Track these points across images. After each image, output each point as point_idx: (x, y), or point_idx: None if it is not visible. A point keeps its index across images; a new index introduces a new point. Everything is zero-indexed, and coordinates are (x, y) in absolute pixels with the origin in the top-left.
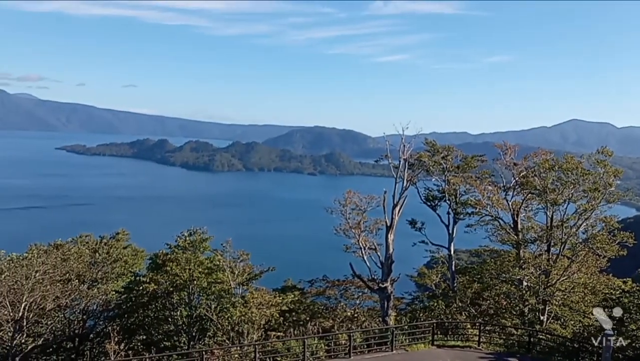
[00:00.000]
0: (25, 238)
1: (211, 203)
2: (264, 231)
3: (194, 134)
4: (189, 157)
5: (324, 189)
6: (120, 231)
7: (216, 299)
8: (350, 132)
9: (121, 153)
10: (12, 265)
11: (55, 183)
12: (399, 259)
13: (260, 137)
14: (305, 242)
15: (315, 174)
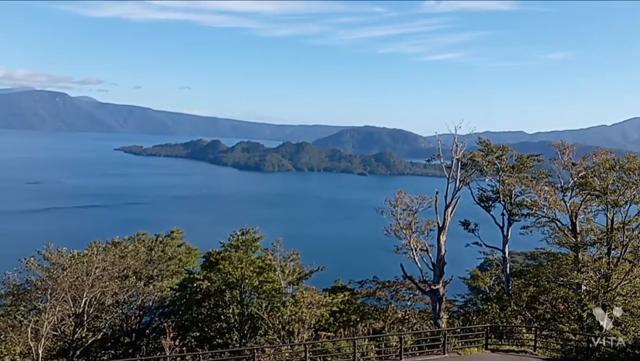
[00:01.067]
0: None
1: (262, 203)
2: (313, 230)
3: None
4: (240, 158)
5: (374, 190)
6: (174, 230)
7: (267, 298)
8: (401, 132)
9: (175, 154)
10: (73, 262)
11: (114, 182)
12: (451, 261)
13: (310, 138)
14: (354, 242)
15: (365, 174)
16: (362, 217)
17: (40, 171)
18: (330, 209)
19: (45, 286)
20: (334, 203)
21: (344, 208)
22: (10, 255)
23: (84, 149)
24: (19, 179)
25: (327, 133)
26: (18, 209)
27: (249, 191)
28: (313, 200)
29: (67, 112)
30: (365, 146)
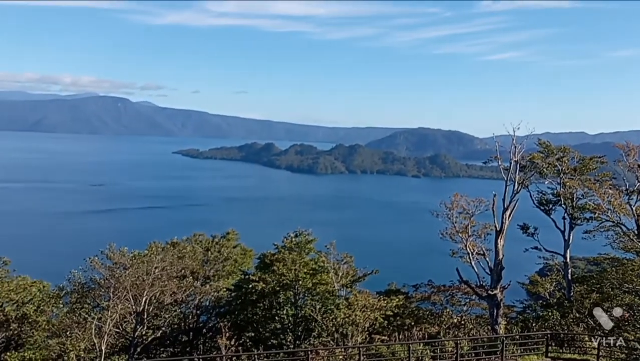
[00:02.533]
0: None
1: (314, 205)
2: (366, 233)
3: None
4: (293, 160)
5: (428, 192)
6: (230, 231)
7: (321, 300)
8: (456, 133)
9: (231, 157)
10: (134, 261)
11: (172, 184)
12: (510, 265)
13: (363, 140)
14: (408, 245)
15: (419, 177)
16: (416, 220)
17: (104, 174)
18: (384, 212)
19: (108, 285)
20: (387, 205)
21: (398, 211)
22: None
23: (144, 152)
24: (84, 181)
25: (380, 135)
26: (83, 210)
27: (302, 194)
28: (366, 202)
29: (128, 116)
30: (419, 148)
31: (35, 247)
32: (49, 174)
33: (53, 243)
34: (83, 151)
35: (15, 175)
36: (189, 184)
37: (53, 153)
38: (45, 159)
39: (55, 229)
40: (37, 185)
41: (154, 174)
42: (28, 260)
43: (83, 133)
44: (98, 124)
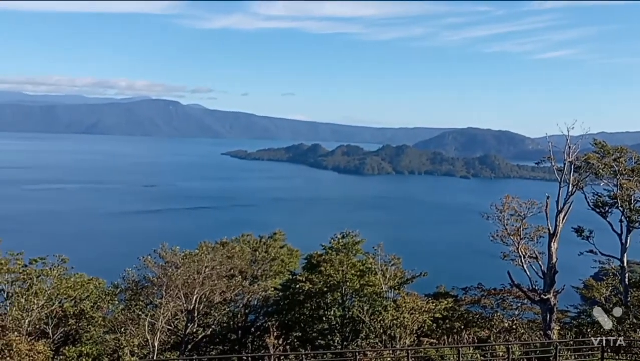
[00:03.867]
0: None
1: (361, 206)
2: (414, 234)
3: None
4: (340, 161)
5: (478, 193)
6: (277, 231)
7: (368, 302)
8: (507, 133)
9: (277, 158)
10: (186, 261)
11: (221, 185)
12: (563, 269)
13: (410, 140)
14: (457, 247)
15: (468, 178)
16: (465, 221)
17: (156, 175)
18: (432, 213)
19: (161, 283)
20: (435, 206)
21: (446, 212)
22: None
23: (194, 154)
24: (137, 182)
25: (427, 136)
26: (136, 210)
27: (348, 194)
28: (414, 203)
29: (179, 119)
30: (468, 148)
31: (91, 245)
32: (105, 175)
33: (108, 242)
34: (136, 153)
35: (73, 176)
36: (237, 185)
37: (108, 155)
38: (101, 161)
39: (109, 228)
40: (94, 186)
41: (204, 175)
42: (85, 258)
43: (136, 135)
44: (150, 127)
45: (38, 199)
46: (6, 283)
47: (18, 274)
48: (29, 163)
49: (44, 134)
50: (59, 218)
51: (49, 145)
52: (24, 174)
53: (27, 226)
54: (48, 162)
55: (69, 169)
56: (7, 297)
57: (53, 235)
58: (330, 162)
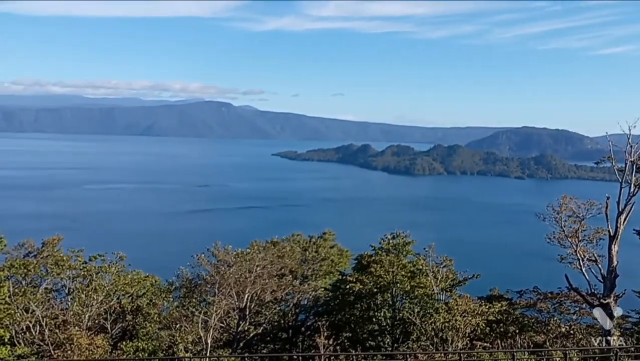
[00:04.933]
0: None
1: (411, 206)
2: (466, 235)
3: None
4: (390, 161)
5: (533, 194)
6: (327, 231)
7: (419, 304)
8: (564, 132)
9: (327, 158)
10: (237, 259)
11: (272, 185)
12: (625, 273)
13: (462, 140)
14: (511, 249)
15: (523, 178)
16: (520, 223)
17: (209, 176)
18: (485, 214)
19: (213, 281)
20: (488, 207)
21: (500, 213)
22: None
23: (245, 155)
24: (191, 182)
25: (480, 135)
26: (189, 210)
27: (399, 195)
28: (466, 204)
29: (231, 120)
30: (523, 148)
31: (147, 243)
32: (160, 175)
33: (162, 240)
34: (190, 154)
35: (130, 176)
36: (287, 185)
37: (163, 156)
38: (157, 162)
39: (164, 227)
40: (150, 186)
41: (255, 175)
42: (141, 256)
43: (190, 137)
44: (203, 128)
45: (98, 198)
46: (68, 279)
47: (79, 270)
48: (89, 164)
49: (103, 136)
50: (117, 217)
51: (108, 147)
52: (84, 174)
53: (87, 224)
54: (107, 163)
55: (126, 170)
56: (68, 292)
57: (111, 233)
58: (380, 162)
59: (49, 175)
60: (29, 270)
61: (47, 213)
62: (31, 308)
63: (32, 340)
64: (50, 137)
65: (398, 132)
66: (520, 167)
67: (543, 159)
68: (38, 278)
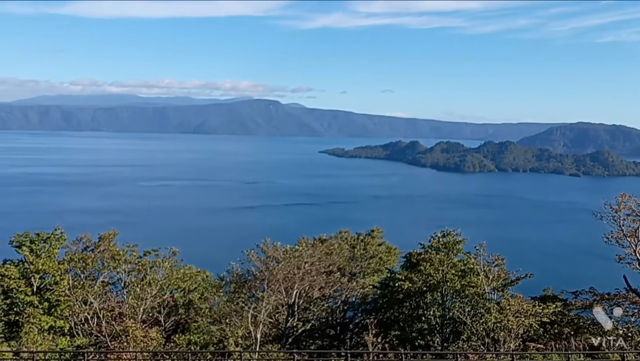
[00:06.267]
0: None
1: (461, 204)
2: (518, 234)
3: (445, 135)
4: (439, 158)
5: (589, 192)
6: (375, 229)
7: (470, 303)
8: (621, 128)
9: (375, 155)
10: (286, 256)
11: (319, 182)
12: None
13: (514, 137)
14: (565, 248)
15: (578, 175)
16: (574, 221)
17: (256, 173)
18: (538, 212)
19: (263, 277)
20: (541, 205)
21: (554, 211)
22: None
23: (293, 152)
24: (239, 179)
25: (533, 131)
26: (238, 206)
27: (448, 192)
28: (518, 202)
29: (279, 118)
30: (578, 144)
31: (197, 239)
32: (210, 172)
33: (212, 236)
34: (238, 151)
35: (182, 173)
36: (335, 182)
37: (213, 153)
38: (207, 159)
39: (214, 223)
40: (199, 183)
41: (302, 172)
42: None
43: (239, 134)
44: (252, 126)
45: (151, 195)
46: (124, 273)
47: (134, 265)
48: (143, 161)
49: (156, 134)
50: (169, 213)
51: (161, 144)
52: (139, 171)
53: (141, 220)
54: (160, 160)
55: (178, 167)
56: (124, 286)
57: (164, 229)
58: (429, 159)
59: (104, 172)
60: (87, 264)
61: (102, 208)
62: (89, 301)
63: (90, 331)
64: (106, 136)
65: (447, 128)
66: (575, 164)
67: (599, 156)
68: (95, 271)
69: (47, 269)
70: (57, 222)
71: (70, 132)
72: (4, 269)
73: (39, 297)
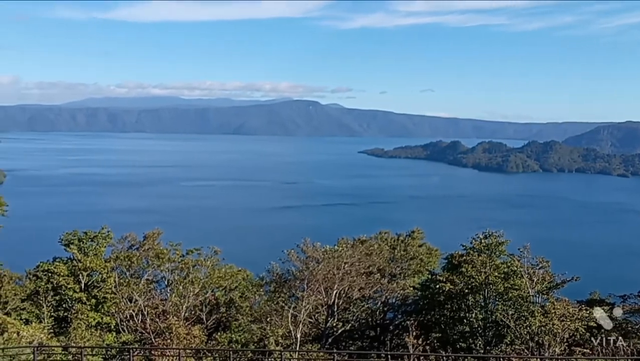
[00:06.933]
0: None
1: (504, 205)
2: (563, 235)
3: (487, 134)
4: (481, 158)
5: (638, 193)
6: (415, 230)
7: (513, 306)
8: None
9: (415, 155)
10: (326, 256)
11: (358, 183)
12: None
13: (559, 136)
14: (612, 250)
15: (626, 176)
16: (623, 222)
17: (296, 173)
18: (584, 213)
19: (302, 277)
20: (587, 206)
21: (601, 212)
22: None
23: (332, 152)
24: (279, 180)
25: (579, 131)
26: (277, 206)
27: (490, 193)
28: (563, 203)
29: (318, 118)
30: (627, 144)
31: (237, 238)
32: (250, 173)
33: (252, 235)
34: (278, 152)
35: (223, 174)
36: (374, 182)
37: (253, 154)
38: (247, 160)
39: (254, 222)
40: (239, 183)
41: (341, 173)
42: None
43: (278, 135)
44: (292, 127)
45: (192, 195)
46: (167, 271)
47: (177, 263)
48: (185, 162)
49: (197, 135)
50: (210, 213)
51: (202, 145)
52: (181, 172)
53: (183, 219)
54: (201, 161)
55: (219, 167)
56: (167, 284)
57: (205, 228)
58: (471, 159)
59: (148, 173)
60: (132, 262)
61: (146, 208)
62: (134, 298)
63: (134, 328)
64: (149, 137)
65: (490, 128)
66: (623, 165)
67: None
68: (140, 269)
69: (94, 267)
70: (103, 221)
71: (115, 134)
72: (53, 267)
73: (86, 294)
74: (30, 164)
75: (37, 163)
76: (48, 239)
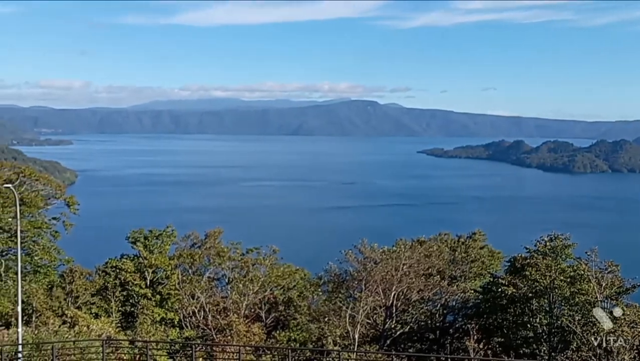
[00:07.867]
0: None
1: (570, 206)
2: (633, 239)
3: (552, 133)
4: (546, 158)
5: None
6: (476, 232)
7: (580, 311)
8: None
9: (476, 155)
10: (384, 257)
11: (417, 183)
12: None
13: (630, 135)
14: None
15: None
16: None
17: (354, 173)
18: None
19: (360, 278)
20: None
21: None
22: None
23: (391, 152)
24: (337, 180)
25: None
26: (336, 206)
27: (556, 194)
28: (634, 205)
29: (377, 118)
30: None
31: (296, 237)
32: (309, 173)
33: (310, 235)
34: (337, 152)
35: (283, 174)
36: (433, 183)
37: (312, 154)
38: (306, 160)
39: (312, 222)
40: (298, 183)
41: (400, 173)
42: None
43: (336, 135)
44: (350, 127)
45: (252, 195)
46: (228, 270)
47: (237, 262)
48: (245, 163)
49: (258, 136)
50: (269, 212)
51: (262, 146)
52: (242, 172)
53: (243, 219)
54: (261, 161)
55: (278, 167)
56: (228, 282)
57: (264, 227)
58: (535, 159)
59: (210, 173)
60: (194, 260)
61: (208, 207)
62: (196, 295)
63: (197, 324)
64: (211, 138)
65: (555, 127)
66: None
67: None
68: (202, 267)
69: (159, 264)
70: (167, 220)
71: (179, 135)
72: (121, 263)
73: (151, 290)
74: (100, 164)
75: (106, 164)
76: (116, 237)
